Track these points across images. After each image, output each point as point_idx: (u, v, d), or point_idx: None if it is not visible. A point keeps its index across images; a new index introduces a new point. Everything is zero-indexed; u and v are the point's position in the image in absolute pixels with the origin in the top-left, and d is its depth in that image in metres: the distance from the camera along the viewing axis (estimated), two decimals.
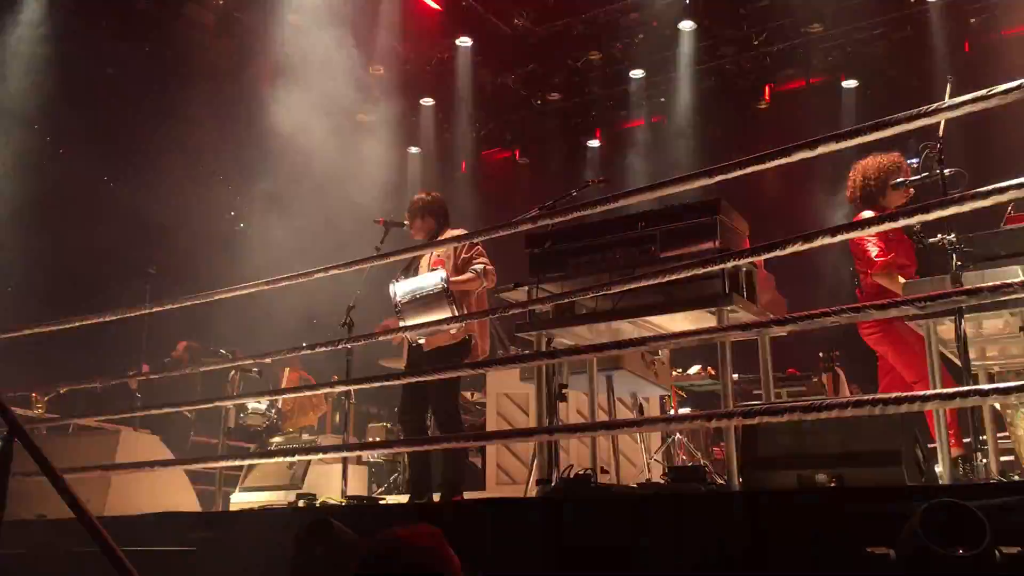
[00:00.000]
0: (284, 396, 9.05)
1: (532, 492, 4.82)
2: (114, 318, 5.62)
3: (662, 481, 4.92)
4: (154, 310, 5.45)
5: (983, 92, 2.83)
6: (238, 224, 12.39)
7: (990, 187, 2.82)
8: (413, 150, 13.36)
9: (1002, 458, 4.99)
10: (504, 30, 11.56)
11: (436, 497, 5.28)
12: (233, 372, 7.21)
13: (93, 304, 6.21)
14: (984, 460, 3.80)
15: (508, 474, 6.71)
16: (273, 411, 8.74)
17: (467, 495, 5.56)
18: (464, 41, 11.86)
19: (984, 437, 4.25)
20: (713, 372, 7.72)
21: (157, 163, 10.46)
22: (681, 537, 2.99)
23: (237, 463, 7.58)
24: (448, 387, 5.36)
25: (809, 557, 2.70)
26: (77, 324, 5.68)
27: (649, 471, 6.56)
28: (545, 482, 4.29)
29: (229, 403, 6.97)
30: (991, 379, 4.98)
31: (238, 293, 5.19)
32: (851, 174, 5.23)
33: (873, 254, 4.88)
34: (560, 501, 3.91)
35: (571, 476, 4.27)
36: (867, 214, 4.94)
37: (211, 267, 10.14)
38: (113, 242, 9.54)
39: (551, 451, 4.41)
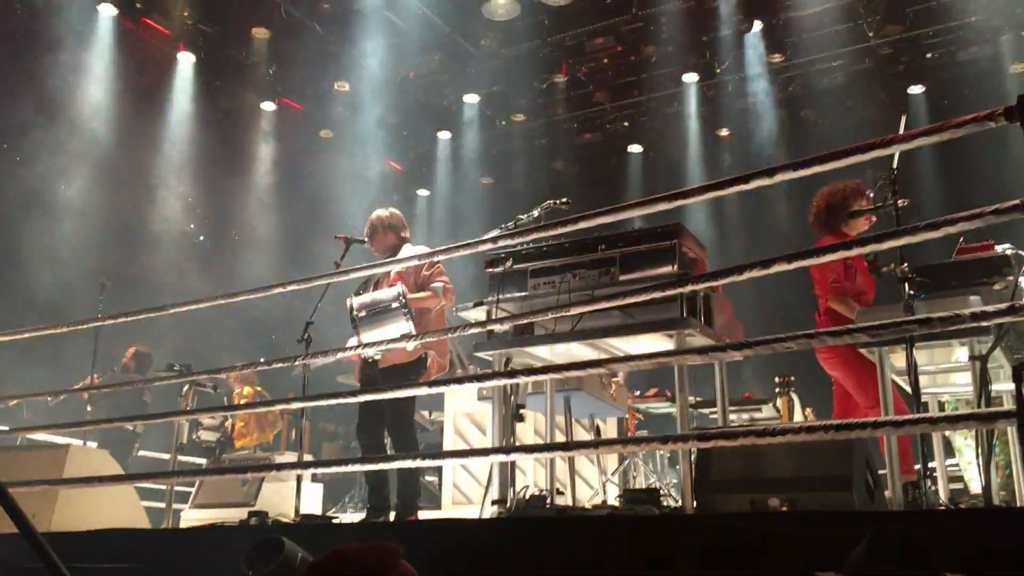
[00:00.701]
0: (239, 412, 8.93)
1: (488, 512, 4.81)
2: (66, 330, 5.53)
3: (617, 503, 4.93)
4: (107, 322, 5.37)
5: (935, 126, 2.89)
6: (198, 237, 12.29)
7: (942, 218, 2.88)
8: (377, 168, 13.36)
9: (951, 485, 5.08)
10: (470, 50, 11.62)
11: (391, 516, 5.24)
12: (187, 387, 7.11)
13: (45, 315, 6.12)
14: (933, 487, 3.86)
15: (464, 494, 6.68)
16: (228, 423, 8.64)
17: (423, 514, 5.53)
18: (429, 59, 11.89)
19: (933, 464, 4.32)
20: (670, 395, 7.76)
21: (115, 173, 10.34)
22: (633, 559, 2.99)
23: (190, 479, 7.47)
24: (404, 406, 5.34)
25: None
26: (28, 335, 5.58)
27: (605, 493, 6.57)
28: (501, 502, 4.28)
29: (183, 418, 6.86)
30: (941, 407, 5.07)
31: (195, 307, 5.13)
32: (814, 200, 5.30)
33: (830, 280, 4.94)
34: (515, 522, 3.91)
35: (527, 497, 4.27)
36: (828, 240, 5.01)
37: (169, 280, 10.04)
38: (67, 251, 9.41)
39: (507, 471, 4.41)
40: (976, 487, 4.95)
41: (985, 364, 3.74)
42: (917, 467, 4.30)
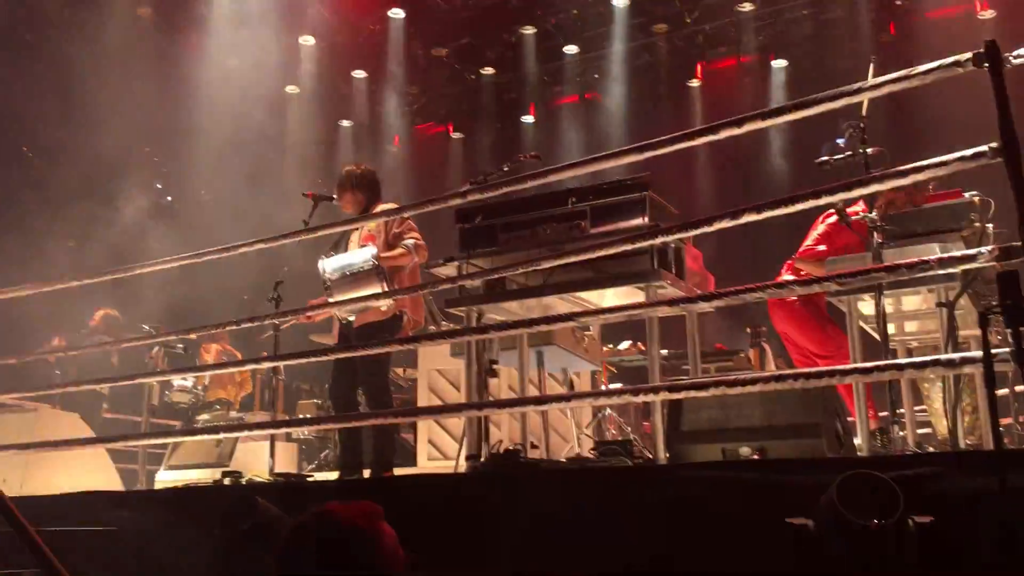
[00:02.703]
0: (211, 373, 8.88)
1: (463, 467, 4.82)
2: (33, 291, 5.45)
3: (591, 455, 4.96)
4: (73, 284, 5.29)
5: (904, 72, 2.88)
6: (165, 197, 12.12)
7: (909, 166, 2.89)
8: (345, 123, 13.18)
9: (918, 430, 5.16)
10: (438, 2, 11.44)
11: (366, 474, 5.25)
12: (156, 348, 7.04)
13: (11, 278, 6.02)
14: (901, 432, 3.91)
15: (439, 450, 6.70)
16: (200, 388, 8.59)
17: (397, 471, 5.54)
18: (397, 12, 11.69)
19: (901, 410, 4.38)
20: (643, 347, 7.79)
21: (78, 132, 10.14)
22: (607, 509, 3.02)
23: (162, 441, 7.43)
24: (378, 363, 5.32)
25: (731, 527, 2.75)
26: None
27: (579, 446, 6.61)
28: (475, 457, 4.30)
29: (153, 380, 6.81)
30: (909, 353, 5.13)
31: (162, 267, 5.07)
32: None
33: (810, 240, 4.95)
34: (489, 476, 3.93)
35: (500, 451, 4.28)
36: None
37: (136, 240, 9.91)
38: (32, 213, 9.26)
39: (481, 426, 4.42)
40: (944, 431, 5.03)
41: (952, 310, 3.77)
42: (883, 414, 4.36)
